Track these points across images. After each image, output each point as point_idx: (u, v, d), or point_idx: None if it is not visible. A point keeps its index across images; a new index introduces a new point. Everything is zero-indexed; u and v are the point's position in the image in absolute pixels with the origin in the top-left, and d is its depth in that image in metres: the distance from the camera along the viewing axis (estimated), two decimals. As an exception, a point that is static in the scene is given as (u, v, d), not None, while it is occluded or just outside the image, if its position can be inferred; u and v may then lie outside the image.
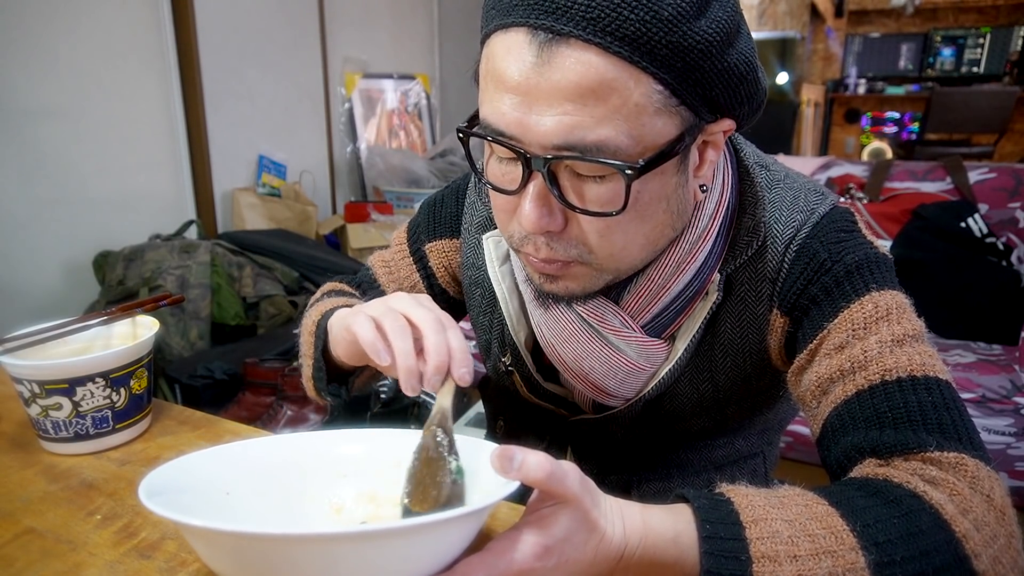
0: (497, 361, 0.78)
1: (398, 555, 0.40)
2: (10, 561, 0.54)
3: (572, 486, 0.42)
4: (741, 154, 0.65)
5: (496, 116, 0.51)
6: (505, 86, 0.50)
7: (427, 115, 3.69)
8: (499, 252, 0.71)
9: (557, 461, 0.42)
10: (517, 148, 0.51)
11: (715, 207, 0.61)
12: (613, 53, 0.46)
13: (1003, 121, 4.92)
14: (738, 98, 0.53)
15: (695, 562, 0.44)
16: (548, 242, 0.56)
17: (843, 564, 0.43)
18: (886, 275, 0.59)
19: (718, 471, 0.76)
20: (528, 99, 0.49)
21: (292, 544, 0.38)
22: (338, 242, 2.98)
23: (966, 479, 0.48)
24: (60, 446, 0.70)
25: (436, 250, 0.80)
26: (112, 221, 2.29)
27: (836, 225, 0.61)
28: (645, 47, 0.46)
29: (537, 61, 0.48)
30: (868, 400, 0.53)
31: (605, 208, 0.52)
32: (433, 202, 0.82)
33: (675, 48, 0.47)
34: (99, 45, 2.20)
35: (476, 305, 0.78)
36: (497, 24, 0.51)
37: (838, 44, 6.55)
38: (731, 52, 0.50)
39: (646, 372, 0.66)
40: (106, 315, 0.78)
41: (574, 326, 0.65)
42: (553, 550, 0.41)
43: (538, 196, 0.53)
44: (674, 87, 0.48)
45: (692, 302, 0.64)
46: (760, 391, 0.69)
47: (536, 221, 0.53)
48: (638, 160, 0.49)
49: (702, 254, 0.61)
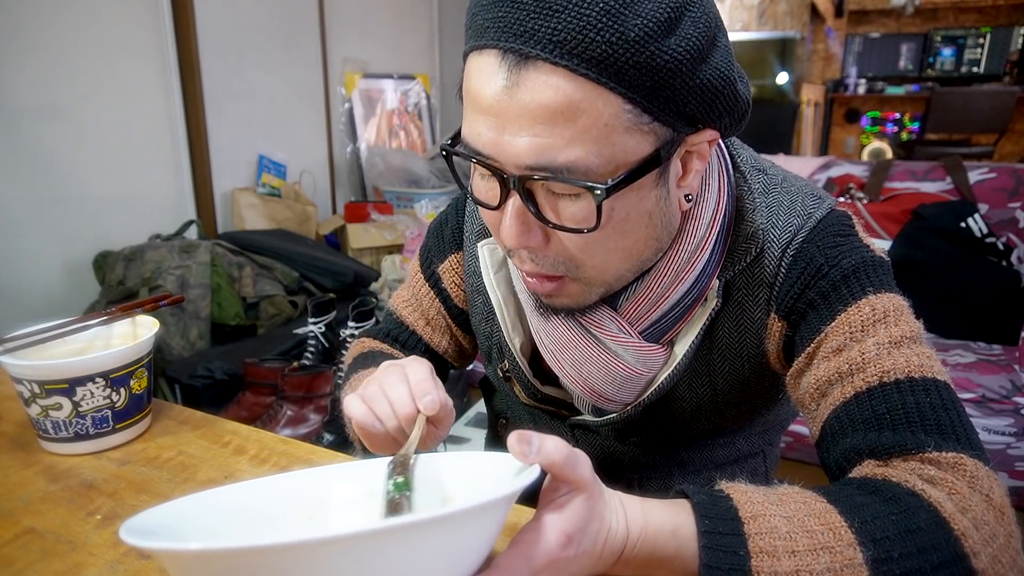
0: (496, 368, 0.79)
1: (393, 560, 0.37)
2: (10, 561, 0.54)
3: (586, 472, 0.43)
4: (737, 159, 0.65)
5: (473, 136, 0.52)
6: (479, 107, 0.51)
7: (427, 115, 3.69)
8: (494, 260, 0.71)
9: (571, 447, 0.43)
10: (494, 168, 0.52)
11: (712, 216, 0.61)
12: (580, 75, 0.47)
13: (1003, 121, 4.92)
14: (715, 112, 0.52)
15: (694, 556, 0.44)
16: (532, 256, 0.57)
17: (841, 560, 0.43)
18: (883, 278, 0.59)
19: (718, 470, 0.77)
20: (500, 121, 0.50)
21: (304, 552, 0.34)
22: (338, 242, 2.98)
23: (965, 478, 0.48)
24: (60, 446, 0.70)
25: (447, 269, 0.81)
26: (112, 221, 2.29)
27: (833, 229, 0.61)
28: (612, 68, 0.46)
29: (507, 84, 0.48)
30: (866, 402, 0.54)
31: (580, 225, 0.52)
32: (438, 223, 0.83)
33: (643, 68, 0.47)
34: (99, 45, 2.20)
35: (478, 312, 0.79)
36: (472, 45, 0.52)
37: (838, 44, 6.55)
38: (704, 68, 0.49)
39: (645, 377, 0.66)
40: (106, 315, 0.78)
41: (572, 332, 0.65)
42: (574, 539, 0.42)
43: (516, 214, 0.53)
44: (644, 105, 0.48)
45: (691, 309, 0.64)
46: (759, 394, 0.69)
47: (515, 237, 0.54)
48: (607, 180, 0.50)
49: (700, 263, 0.61)
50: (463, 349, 0.86)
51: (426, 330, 0.84)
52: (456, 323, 0.83)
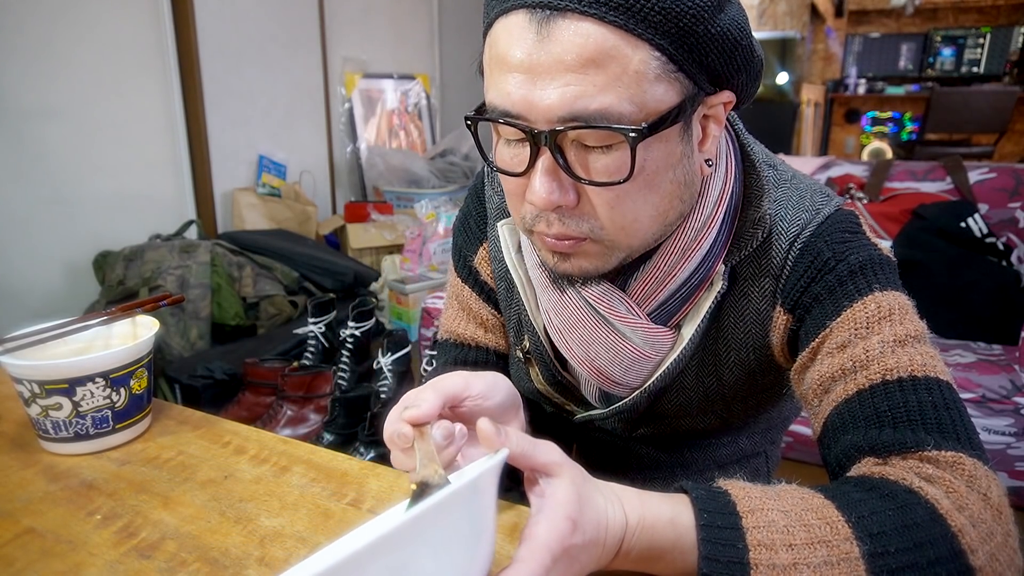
0: (517, 348, 0.78)
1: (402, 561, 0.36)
2: (10, 561, 0.54)
3: (555, 455, 0.44)
4: (748, 149, 0.65)
5: (502, 97, 0.53)
6: (509, 66, 0.52)
7: (427, 115, 3.69)
8: (514, 239, 0.71)
9: (535, 439, 0.44)
10: (523, 126, 0.52)
11: (719, 193, 0.62)
12: (609, 22, 0.48)
13: (1003, 121, 4.92)
14: (734, 64, 0.54)
15: (692, 547, 0.45)
16: (560, 218, 0.56)
17: (837, 553, 0.44)
18: (890, 276, 0.60)
19: (721, 470, 0.77)
20: (532, 75, 0.51)
21: None
22: (338, 242, 2.99)
23: (963, 477, 0.48)
24: (60, 446, 0.70)
25: (481, 260, 0.79)
26: (112, 221, 2.29)
27: (841, 226, 0.62)
28: (639, 14, 0.48)
29: (537, 38, 0.50)
30: (868, 399, 0.54)
31: (613, 177, 0.53)
32: (462, 216, 0.81)
33: (667, 13, 0.48)
34: (99, 45, 2.20)
35: (503, 297, 0.78)
36: (498, 11, 0.53)
37: (838, 44, 6.55)
38: (722, 17, 0.51)
39: (652, 360, 0.67)
40: (106, 315, 0.78)
41: (581, 312, 0.65)
42: (577, 523, 0.42)
43: (547, 171, 0.54)
44: (671, 53, 0.50)
45: (697, 290, 0.64)
46: (765, 388, 0.69)
47: (546, 196, 0.54)
48: (640, 124, 0.51)
49: (707, 241, 0.62)
50: None
51: (488, 337, 0.80)
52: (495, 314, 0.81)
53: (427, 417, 0.51)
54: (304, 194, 2.91)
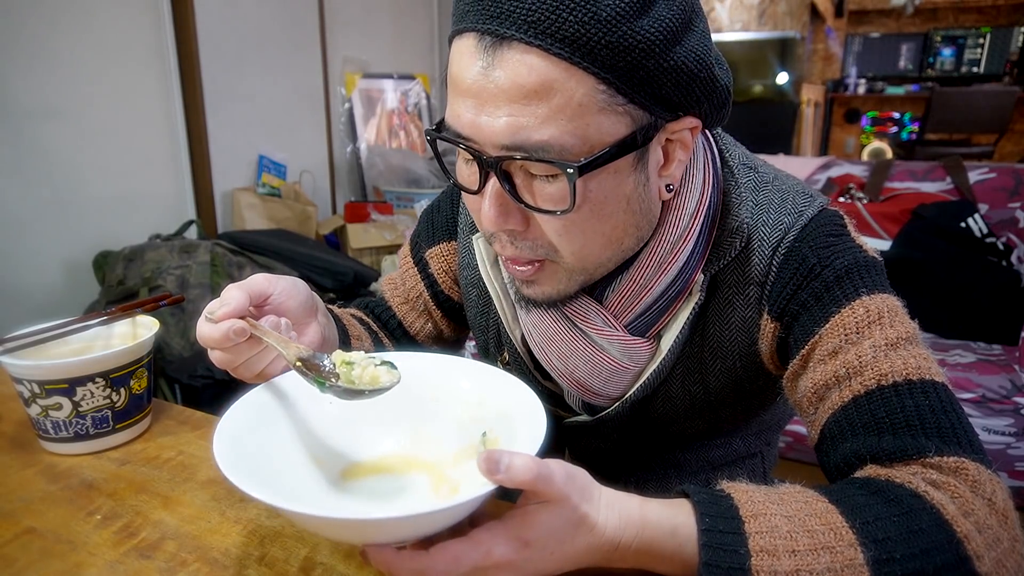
0: (495, 361, 0.78)
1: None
2: (10, 561, 0.54)
3: (558, 486, 0.43)
4: (726, 155, 0.65)
5: (454, 119, 0.53)
6: (460, 90, 0.52)
7: (427, 115, 3.69)
8: (490, 252, 0.72)
9: (544, 461, 0.43)
10: (473, 150, 0.53)
11: (696, 207, 0.61)
12: (554, 54, 0.48)
13: (1003, 121, 4.92)
14: (693, 96, 0.53)
15: (694, 554, 0.44)
16: (512, 240, 0.57)
17: (841, 560, 0.43)
18: (876, 279, 0.59)
19: (715, 471, 0.77)
20: (479, 101, 0.50)
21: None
22: (338, 242, 2.98)
23: (967, 482, 0.48)
24: (60, 446, 0.70)
25: (436, 255, 0.81)
26: (112, 221, 2.29)
27: (824, 229, 0.61)
28: (584, 47, 0.47)
29: (484, 65, 0.49)
30: (865, 406, 0.53)
31: (557, 206, 0.53)
32: (430, 209, 0.83)
33: (615, 48, 0.47)
34: (99, 45, 2.20)
35: (473, 305, 0.79)
36: (454, 29, 0.53)
37: (838, 44, 6.55)
38: (678, 51, 0.50)
39: (631, 371, 0.66)
40: (106, 315, 0.78)
41: (558, 325, 0.65)
42: (533, 543, 0.43)
43: (495, 196, 0.54)
44: (618, 86, 0.49)
45: (675, 302, 0.64)
46: (753, 394, 0.69)
47: (494, 220, 0.54)
48: (581, 159, 0.50)
49: (684, 253, 0.61)
50: (441, 334, 0.87)
51: (402, 308, 0.85)
52: (441, 309, 0.84)
53: (237, 312, 0.55)
54: (304, 194, 2.91)
